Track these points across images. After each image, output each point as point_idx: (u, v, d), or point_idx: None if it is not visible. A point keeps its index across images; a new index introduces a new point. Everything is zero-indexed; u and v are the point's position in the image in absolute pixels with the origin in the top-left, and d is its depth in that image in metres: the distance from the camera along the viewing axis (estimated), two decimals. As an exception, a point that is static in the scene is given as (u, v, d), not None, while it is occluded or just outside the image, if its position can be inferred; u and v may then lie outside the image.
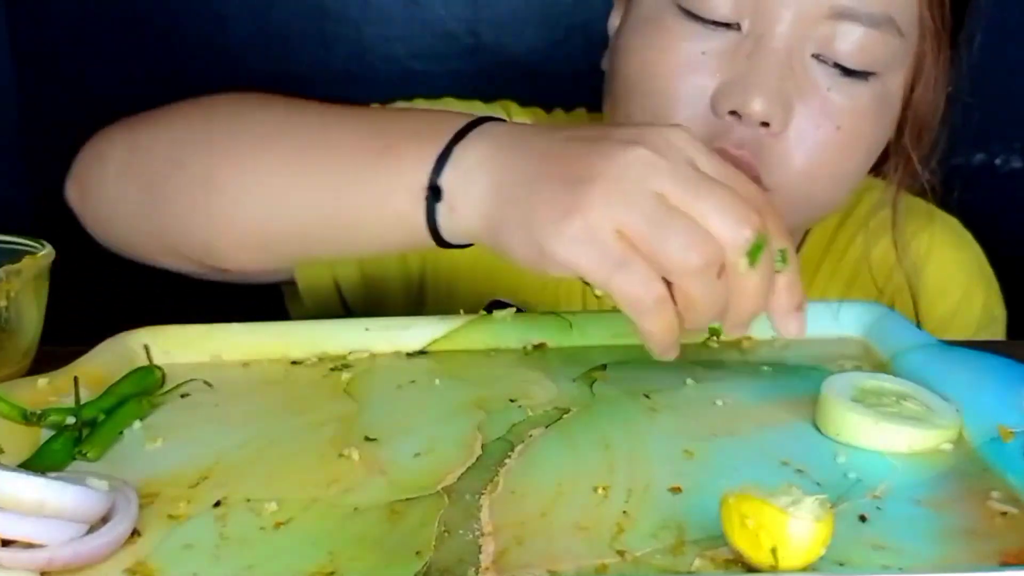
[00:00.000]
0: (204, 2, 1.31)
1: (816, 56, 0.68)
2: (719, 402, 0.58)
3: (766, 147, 0.68)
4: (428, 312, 0.78)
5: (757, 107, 0.66)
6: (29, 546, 0.40)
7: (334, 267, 0.81)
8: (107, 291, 1.14)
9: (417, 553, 0.42)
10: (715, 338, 0.68)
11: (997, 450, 0.49)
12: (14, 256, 0.61)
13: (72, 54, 1.32)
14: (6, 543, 0.40)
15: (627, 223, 0.50)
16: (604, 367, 0.63)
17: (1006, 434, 0.49)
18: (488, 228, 0.55)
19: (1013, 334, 0.74)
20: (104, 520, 0.43)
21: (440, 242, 0.59)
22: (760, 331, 0.68)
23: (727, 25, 0.68)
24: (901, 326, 0.66)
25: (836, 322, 0.69)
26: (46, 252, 0.62)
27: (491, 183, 0.55)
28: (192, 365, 0.65)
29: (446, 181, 0.57)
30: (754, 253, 0.49)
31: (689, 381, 0.61)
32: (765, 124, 0.67)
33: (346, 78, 1.33)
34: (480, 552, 0.42)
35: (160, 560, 0.42)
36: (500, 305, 0.70)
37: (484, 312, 0.69)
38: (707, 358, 0.66)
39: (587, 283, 0.52)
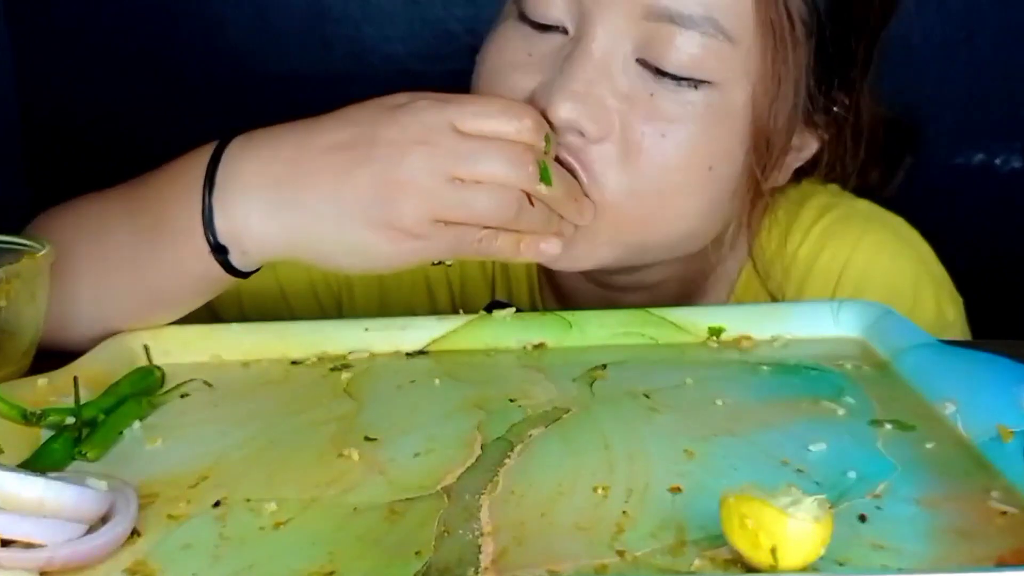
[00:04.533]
0: (204, 3, 1.31)
1: (640, 60, 0.65)
2: (719, 402, 0.58)
3: (590, 157, 0.65)
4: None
5: (562, 112, 0.63)
6: (29, 546, 0.40)
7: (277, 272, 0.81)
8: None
9: (417, 553, 0.42)
10: (715, 338, 0.68)
11: (997, 450, 0.49)
12: (14, 256, 0.61)
13: (72, 54, 1.32)
14: (6, 543, 0.40)
15: (439, 213, 0.57)
16: (604, 367, 0.63)
17: (1006, 434, 0.49)
18: (292, 249, 0.61)
19: (1013, 334, 0.74)
20: (104, 520, 0.43)
21: (248, 276, 0.64)
22: (760, 331, 0.68)
23: (555, 28, 0.67)
24: (901, 326, 0.66)
25: (836, 322, 0.69)
26: (46, 252, 0.62)
27: (268, 221, 0.60)
28: (192, 365, 0.65)
29: (222, 236, 0.61)
30: (545, 176, 0.56)
31: (689, 381, 0.61)
32: (582, 134, 0.64)
33: (346, 78, 1.33)
34: (480, 552, 0.42)
35: (160, 560, 0.42)
36: (500, 305, 0.70)
37: (484, 312, 0.69)
38: (707, 358, 0.66)
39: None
